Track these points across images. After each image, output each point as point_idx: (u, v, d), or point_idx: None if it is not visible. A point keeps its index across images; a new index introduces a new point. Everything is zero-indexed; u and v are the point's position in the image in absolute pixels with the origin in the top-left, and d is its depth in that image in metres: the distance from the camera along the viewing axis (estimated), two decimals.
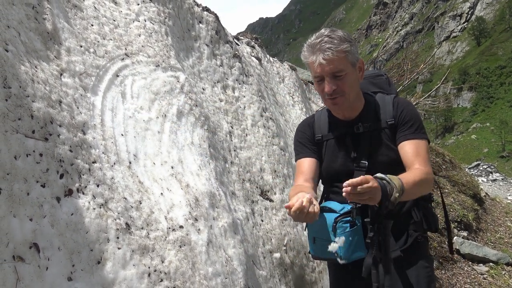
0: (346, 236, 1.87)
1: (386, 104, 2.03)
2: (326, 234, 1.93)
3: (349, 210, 1.92)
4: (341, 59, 1.87)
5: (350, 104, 1.99)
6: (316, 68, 1.90)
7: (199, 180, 2.35)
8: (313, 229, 2.02)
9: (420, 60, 12.05)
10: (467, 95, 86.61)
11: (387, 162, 1.97)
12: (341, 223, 1.88)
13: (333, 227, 1.89)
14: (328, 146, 2.12)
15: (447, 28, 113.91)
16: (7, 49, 1.62)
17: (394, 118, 1.99)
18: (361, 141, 2.01)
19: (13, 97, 1.51)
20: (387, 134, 2.00)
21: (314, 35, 1.95)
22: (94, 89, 2.11)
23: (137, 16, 2.75)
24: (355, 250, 1.88)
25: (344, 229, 1.88)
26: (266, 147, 3.43)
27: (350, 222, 1.88)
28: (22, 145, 1.48)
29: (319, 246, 1.98)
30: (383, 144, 1.99)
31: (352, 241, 1.88)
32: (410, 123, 1.97)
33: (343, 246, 1.86)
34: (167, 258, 1.87)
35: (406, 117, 1.98)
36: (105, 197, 1.76)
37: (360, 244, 1.91)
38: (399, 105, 2.01)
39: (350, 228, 1.88)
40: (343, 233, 1.87)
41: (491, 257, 5.48)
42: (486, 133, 72.04)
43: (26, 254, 1.36)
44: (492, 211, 7.69)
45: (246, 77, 3.71)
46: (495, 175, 17.68)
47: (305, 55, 1.95)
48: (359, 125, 2.02)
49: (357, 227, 1.89)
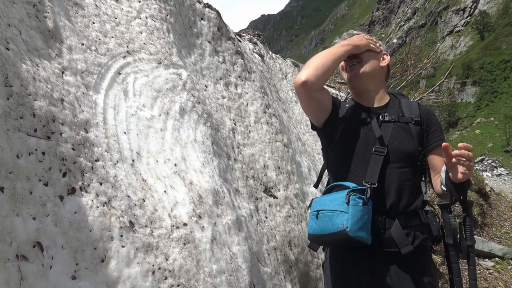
0: (358, 209, 1.83)
1: (412, 105, 2.14)
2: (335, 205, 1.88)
3: (363, 188, 1.90)
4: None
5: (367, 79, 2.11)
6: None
7: (203, 178, 2.34)
8: (319, 203, 1.98)
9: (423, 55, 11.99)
10: (471, 89, 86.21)
11: (405, 153, 1.99)
12: (355, 197, 1.85)
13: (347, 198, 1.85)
14: (347, 128, 2.11)
15: (450, 23, 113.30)
16: (8, 48, 1.61)
17: (419, 117, 2.07)
18: (385, 127, 2.05)
19: (14, 96, 1.51)
20: (411, 129, 2.04)
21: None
22: (96, 87, 2.10)
23: (139, 14, 2.74)
24: (362, 228, 1.82)
25: (357, 202, 1.85)
26: (269, 143, 3.42)
27: (363, 200, 1.86)
28: (24, 144, 1.48)
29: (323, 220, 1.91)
30: (405, 136, 2.02)
31: (362, 217, 1.83)
32: (438, 130, 2.07)
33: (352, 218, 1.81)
34: (171, 256, 1.86)
35: (434, 124, 2.08)
36: (108, 195, 1.76)
37: (367, 226, 1.85)
38: (426, 110, 2.13)
39: (363, 205, 1.86)
40: (355, 206, 1.83)
41: (496, 252, 5.45)
42: (490, 127, 71.72)
43: (29, 253, 1.36)
44: (497, 206, 7.65)
45: (248, 74, 3.70)
46: (500, 169, 17.60)
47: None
48: (386, 114, 2.07)
49: (368, 207, 1.86)
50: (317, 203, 2.00)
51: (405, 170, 1.96)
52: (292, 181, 3.42)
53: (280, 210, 3.10)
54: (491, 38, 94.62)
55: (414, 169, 1.97)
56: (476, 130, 72.60)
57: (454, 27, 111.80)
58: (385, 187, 1.96)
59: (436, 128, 2.06)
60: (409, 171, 1.96)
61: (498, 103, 79.21)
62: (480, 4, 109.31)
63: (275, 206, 3.08)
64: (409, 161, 1.98)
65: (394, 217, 1.93)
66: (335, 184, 2.03)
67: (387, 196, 1.95)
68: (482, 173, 13.47)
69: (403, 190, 1.94)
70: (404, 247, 1.87)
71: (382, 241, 1.92)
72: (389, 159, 1.98)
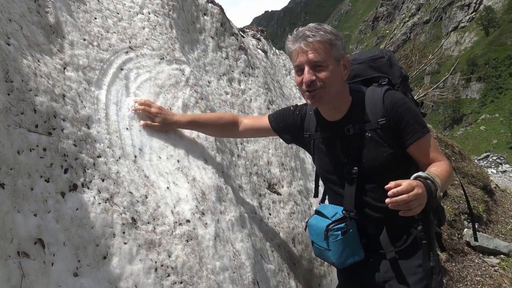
0: (338, 244, 1.88)
1: (376, 102, 1.88)
2: (319, 240, 1.97)
3: (342, 216, 1.90)
4: (324, 49, 1.78)
5: (331, 100, 1.87)
6: (297, 57, 1.81)
7: (206, 174, 2.32)
8: (311, 232, 2.07)
9: (428, 51, 11.92)
10: (476, 86, 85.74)
11: (378, 166, 1.88)
12: (332, 232, 1.89)
13: (325, 235, 1.90)
14: (316, 146, 2.06)
15: (455, 19, 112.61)
16: (9, 43, 1.59)
17: (385, 117, 1.84)
18: (351, 144, 1.91)
19: (15, 91, 1.49)
20: (379, 135, 1.87)
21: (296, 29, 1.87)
22: (98, 82, 2.08)
23: (141, 9, 2.72)
24: (348, 257, 1.90)
25: (336, 237, 1.89)
26: (273, 140, 3.39)
27: (341, 230, 1.88)
28: (25, 140, 1.46)
29: (317, 250, 2.05)
30: (374, 146, 1.88)
31: (345, 248, 1.88)
32: (410, 124, 1.83)
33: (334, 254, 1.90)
34: (174, 252, 1.85)
35: (403, 119, 1.83)
36: (111, 192, 1.74)
37: (354, 249, 1.92)
38: (391, 105, 1.85)
39: (342, 235, 1.87)
40: (334, 241, 1.89)
41: (502, 249, 5.41)
42: (495, 124, 71.33)
43: (31, 250, 1.34)
44: (503, 203, 7.61)
45: (252, 70, 3.67)
46: (505, 166, 17.49)
47: (288, 45, 1.86)
48: (349, 127, 1.90)
49: (349, 233, 1.88)
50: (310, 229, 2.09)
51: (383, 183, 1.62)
52: (296, 178, 3.40)
53: (284, 207, 3.08)
54: (496, 34, 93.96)
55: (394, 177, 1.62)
56: (481, 127, 72.22)
57: (459, 23, 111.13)
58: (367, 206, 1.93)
59: (407, 123, 1.83)
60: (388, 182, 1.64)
61: (503, 99, 78.74)
62: (485, 0, 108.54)
63: (278, 202, 3.06)
64: (386, 172, 1.84)
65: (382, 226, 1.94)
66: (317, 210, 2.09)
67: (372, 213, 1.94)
68: (487, 170, 13.40)
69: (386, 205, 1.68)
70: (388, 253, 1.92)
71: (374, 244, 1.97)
72: (363, 177, 1.90)
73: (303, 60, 1.79)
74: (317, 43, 1.77)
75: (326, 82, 1.79)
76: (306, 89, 1.83)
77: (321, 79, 1.79)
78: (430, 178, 1.64)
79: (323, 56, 1.77)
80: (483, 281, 4.69)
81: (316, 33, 1.77)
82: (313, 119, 2.08)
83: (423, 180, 1.61)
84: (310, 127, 2.08)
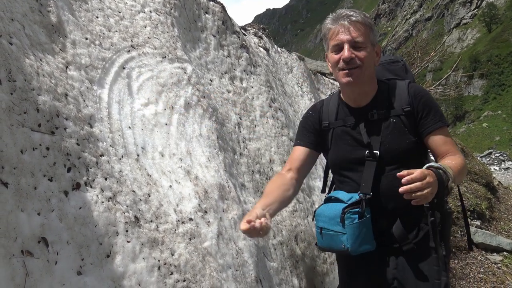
0: (354, 228, 1.83)
1: (401, 91, 1.96)
2: (333, 225, 1.90)
3: (358, 200, 1.88)
4: (364, 31, 1.85)
5: (364, 82, 1.92)
6: (337, 35, 1.86)
7: (208, 172, 2.32)
8: (320, 219, 1.99)
9: (430, 48, 11.88)
10: (478, 82, 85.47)
11: (399, 153, 1.90)
12: (349, 214, 1.85)
13: (341, 218, 1.85)
14: (335, 134, 2.05)
15: (457, 15, 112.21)
16: (11, 42, 1.60)
17: (410, 105, 1.91)
18: (376, 128, 1.94)
19: (18, 91, 1.50)
20: (403, 122, 1.92)
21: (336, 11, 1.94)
22: (100, 81, 2.08)
23: (143, 8, 2.72)
24: (362, 243, 1.86)
25: (352, 220, 1.84)
26: (275, 138, 3.39)
27: (358, 214, 1.85)
28: (28, 139, 1.47)
29: (326, 237, 1.95)
30: (398, 132, 1.92)
31: (360, 233, 1.84)
32: (432, 112, 1.90)
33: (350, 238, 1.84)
34: (177, 251, 1.85)
35: (426, 107, 1.91)
36: (114, 190, 1.75)
37: (368, 237, 1.88)
38: (416, 93, 1.94)
39: (359, 219, 1.84)
40: (351, 225, 1.84)
41: (505, 246, 5.41)
42: (498, 121, 71.10)
43: (34, 248, 1.35)
44: (506, 200, 7.60)
45: (254, 68, 3.67)
46: (508, 163, 17.44)
47: (327, 25, 1.91)
48: (374, 112, 1.95)
49: (365, 219, 1.85)
50: (318, 217, 2.01)
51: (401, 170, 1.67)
52: None
53: None
54: (499, 30, 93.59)
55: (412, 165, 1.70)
56: (483, 124, 72.02)
57: (461, 20, 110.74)
58: (382, 192, 1.92)
59: (429, 111, 1.90)
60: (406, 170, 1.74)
61: (505, 96, 78.48)
62: None
63: None
64: (406, 159, 1.89)
65: (395, 217, 1.93)
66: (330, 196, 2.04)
67: (386, 201, 1.92)
68: (489, 167, 13.37)
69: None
70: (405, 245, 1.91)
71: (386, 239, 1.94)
72: (383, 162, 1.91)
73: (344, 38, 1.84)
74: (359, 23, 1.84)
75: (364, 62, 1.85)
76: (344, 67, 1.86)
77: (360, 58, 1.84)
78: (442, 168, 1.67)
79: (364, 38, 1.84)
80: (486, 278, 4.69)
81: (358, 15, 1.86)
82: (332, 108, 2.09)
83: (435, 170, 1.64)
84: (329, 116, 2.09)
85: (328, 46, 1.94)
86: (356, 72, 1.86)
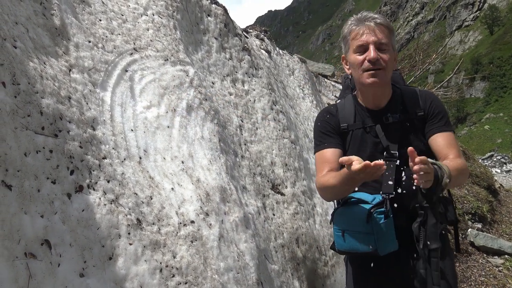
0: (382, 227, 1.84)
1: (413, 96, 2.02)
2: (359, 226, 1.89)
3: (381, 201, 1.89)
4: (388, 34, 1.90)
5: (386, 84, 1.98)
6: (362, 36, 1.89)
7: (210, 175, 2.33)
8: (343, 221, 1.98)
9: (432, 50, 11.89)
10: (480, 85, 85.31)
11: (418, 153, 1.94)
12: (376, 214, 1.85)
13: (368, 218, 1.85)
14: (354, 136, 2.07)
15: (459, 17, 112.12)
16: (15, 46, 1.61)
17: (423, 110, 1.98)
18: (392, 131, 1.99)
19: (22, 94, 1.51)
20: (417, 125, 1.98)
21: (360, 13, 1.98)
22: (103, 84, 2.10)
23: (145, 10, 2.73)
24: (389, 243, 1.86)
25: (379, 220, 1.85)
26: (276, 140, 3.40)
27: (384, 213, 1.86)
28: (32, 142, 1.48)
29: (350, 240, 1.93)
30: (413, 134, 1.97)
31: (387, 232, 1.85)
32: (440, 116, 1.97)
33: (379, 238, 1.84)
34: (178, 253, 1.86)
35: (435, 110, 1.98)
36: (116, 193, 1.76)
37: (392, 237, 1.88)
38: (427, 97, 2.02)
39: (384, 219, 1.86)
40: (378, 224, 1.84)
41: (506, 249, 5.40)
42: (499, 123, 70.94)
43: (37, 251, 1.36)
44: (507, 203, 7.58)
45: (255, 70, 3.68)
46: (510, 166, 17.42)
47: (351, 26, 1.94)
48: (389, 115, 1.99)
49: (390, 218, 1.86)
50: (339, 219, 1.98)
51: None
52: (299, 178, 3.41)
53: (288, 207, 3.09)
54: (501, 32, 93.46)
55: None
56: (485, 126, 71.84)
57: (463, 22, 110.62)
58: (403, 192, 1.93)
59: (438, 114, 1.98)
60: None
61: (507, 99, 78.28)
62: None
63: (282, 203, 3.07)
64: None
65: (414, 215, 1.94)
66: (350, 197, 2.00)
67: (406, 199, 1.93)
68: (491, 169, 13.35)
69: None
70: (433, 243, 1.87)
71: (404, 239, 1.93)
72: (401, 163, 1.94)
73: (370, 39, 1.88)
74: (383, 26, 1.89)
75: (388, 64, 1.89)
76: (369, 67, 1.89)
77: (384, 60, 1.88)
78: (437, 164, 1.71)
79: (388, 40, 1.90)
80: (487, 281, 4.68)
81: (382, 18, 1.91)
82: (349, 111, 2.11)
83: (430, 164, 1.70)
84: (346, 119, 2.10)
85: (350, 47, 1.96)
86: (381, 74, 1.89)
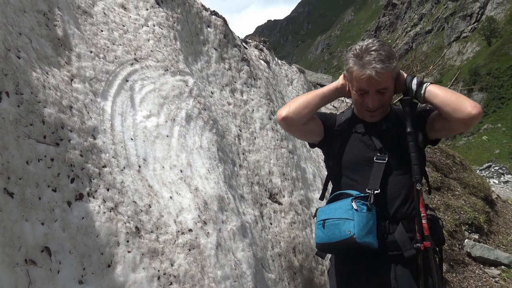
0: (363, 215, 1.89)
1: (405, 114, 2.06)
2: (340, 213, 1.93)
3: (366, 196, 1.96)
4: (389, 76, 1.95)
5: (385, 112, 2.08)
6: (362, 83, 1.95)
7: (208, 184, 2.36)
8: (325, 212, 2.03)
9: (429, 61, 11.97)
10: (478, 96, 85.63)
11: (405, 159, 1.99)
12: (359, 203, 1.91)
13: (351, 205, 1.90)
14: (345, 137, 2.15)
15: (457, 29, 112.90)
16: (19, 56, 1.65)
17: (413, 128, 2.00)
18: (383, 137, 2.06)
19: (25, 103, 1.54)
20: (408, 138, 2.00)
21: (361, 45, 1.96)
22: (104, 94, 2.13)
23: (146, 21, 2.78)
24: (368, 233, 1.88)
25: (361, 209, 1.90)
26: (274, 150, 3.43)
27: (366, 206, 1.91)
28: (33, 150, 1.51)
29: (329, 229, 1.96)
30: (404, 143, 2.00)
31: (367, 223, 1.89)
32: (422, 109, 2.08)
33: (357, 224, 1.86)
34: (176, 261, 1.88)
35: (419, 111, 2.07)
36: (115, 201, 1.78)
37: (373, 231, 1.92)
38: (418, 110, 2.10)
39: (366, 211, 1.90)
40: (360, 212, 1.89)
41: (503, 260, 5.41)
42: (497, 134, 71.11)
43: (38, 257, 1.38)
44: (504, 214, 7.60)
45: (254, 80, 3.73)
46: (507, 176, 17.44)
47: (350, 66, 1.97)
48: (383, 123, 2.07)
49: (372, 213, 1.91)
50: (322, 212, 2.05)
51: (406, 175, 1.97)
52: (297, 188, 3.44)
53: (285, 217, 3.11)
54: (498, 44, 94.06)
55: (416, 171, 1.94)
56: (483, 137, 71.95)
57: (461, 33, 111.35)
58: (388, 193, 2.01)
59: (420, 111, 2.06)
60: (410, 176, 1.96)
61: (505, 110, 78.53)
62: (487, 10, 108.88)
63: (279, 212, 3.10)
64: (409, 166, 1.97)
65: (397, 222, 1.98)
66: (338, 193, 2.08)
67: (390, 202, 2.00)
68: (488, 180, 13.38)
69: (405, 195, 1.98)
70: (407, 251, 1.93)
71: (386, 245, 1.97)
72: (390, 166, 2.01)
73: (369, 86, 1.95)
74: (385, 73, 1.91)
75: (387, 102, 2.03)
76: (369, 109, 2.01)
77: (384, 101, 2.00)
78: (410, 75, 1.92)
79: (387, 84, 1.96)
80: None
81: (382, 64, 1.89)
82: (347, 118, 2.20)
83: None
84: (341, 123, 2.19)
85: (352, 81, 2.01)
86: (380, 111, 2.04)
